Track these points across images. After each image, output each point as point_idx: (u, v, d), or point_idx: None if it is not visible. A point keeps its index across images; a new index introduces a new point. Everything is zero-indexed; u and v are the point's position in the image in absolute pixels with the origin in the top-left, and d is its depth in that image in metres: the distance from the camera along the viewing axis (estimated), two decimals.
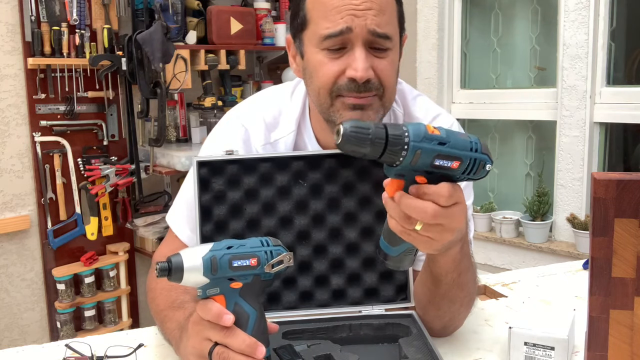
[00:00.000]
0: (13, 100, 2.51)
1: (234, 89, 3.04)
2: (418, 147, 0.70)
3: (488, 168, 0.74)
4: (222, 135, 1.13)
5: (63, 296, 2.59)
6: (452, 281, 0.90)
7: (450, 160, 0.72)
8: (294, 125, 1.09)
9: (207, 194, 0.98)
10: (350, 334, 0.96)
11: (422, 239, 0.75)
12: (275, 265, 0.78)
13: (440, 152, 0.71)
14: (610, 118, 2.59)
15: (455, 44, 3.16)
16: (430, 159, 0.71)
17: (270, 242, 0.79)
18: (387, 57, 0.98)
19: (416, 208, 0.73)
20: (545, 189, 2.74)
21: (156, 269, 0.73)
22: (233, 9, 2.85)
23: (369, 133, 0.69)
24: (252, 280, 0.77)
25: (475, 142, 0.73)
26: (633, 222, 0.76)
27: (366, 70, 0.94)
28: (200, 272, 0.74)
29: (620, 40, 2.64)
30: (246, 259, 0.76)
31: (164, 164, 2.71)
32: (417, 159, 0.70)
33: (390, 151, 0.70)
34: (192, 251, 0.75)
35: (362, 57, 0.94)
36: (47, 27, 2.48)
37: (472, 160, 0.73)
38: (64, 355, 0.97)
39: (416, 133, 0.70)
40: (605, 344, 0.80)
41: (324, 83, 0.97)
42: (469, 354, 0.97)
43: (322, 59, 0.97)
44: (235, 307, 0.76)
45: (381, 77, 0.97)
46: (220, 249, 0.75)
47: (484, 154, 0.73)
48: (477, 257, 1.72)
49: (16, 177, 2.55)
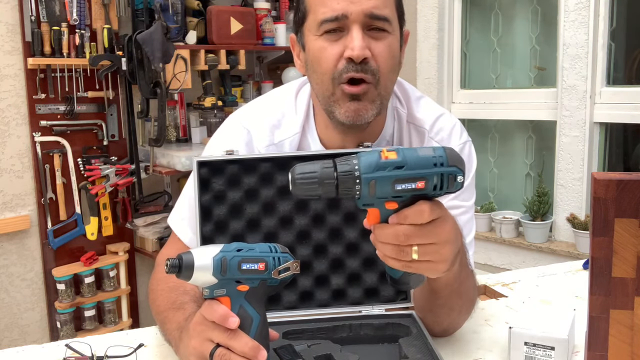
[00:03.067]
0: (13, 100, 2.51)
1: (234, 89, 3.03)
2: (371, 178, 0.68)
3: (460, 180, 0.70)
4: (224, 138, 1.13)
5: (63, 296, 2.59)
6: (451, 292, 0.90)
7: (412, 182, 0.69)
8: (298, 126, 1.10)
9: (207, 194, 0.98)
10: (350, 334, 0.96)
11: (423, 266, 0.73)
12: (282, 271, 0.78)
13: (398, 177, 0.68)
14: (610, 118, 2.59)
15: (455, 44, 3.16)
16: (389, 186, 0.68)
17: (279, 249, 0.80)
18: (385, 40, 0.98)
19: (394, 234, 0.71)
20: (545, 189, 2.74)
21: (166, 264, 0.74)
22: (233, 9, 2.85)
23: (316, 176, 0.68)
24: (258, 285, 0.77)
25: (440, 157, 0.69)
26: (633, 222, 0.76)
27: (362, 48, 0.95)
28: (209, 272, 0.74)
29: (620, 40, 2.65)
30: (255, 263, 0.76)
31: (164, 164, 2.71)
32: (373, 189, 0.68)
33: (343, 188, 0.68)
34: (203, 250, 0.75)
35: (358, 37, 0.95)
36: (47, 27, 2.48)
37: (438, 176, 0.69)
38: (64, 355, 0.97)
39: (366, 164, 0.68)
40: (606, 344, 0.80)
41: (325, 69, 0.98)
42: (469, 354, 0.97)
43: (322, 44, 0.98)
44: (240, 310, 0.76)
45: (378, 60, 0.97)
46: (231, 251, 0.76)
47: (452, 166, 0.70)
48: (477, 257, 1.72)
49: (16, 177, 2.55)
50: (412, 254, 0.71)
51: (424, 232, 0.71)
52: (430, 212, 0.70)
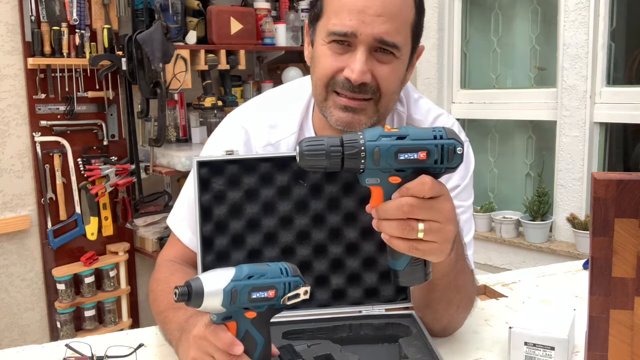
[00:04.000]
0: (13, 100, 2.51)
1: (234, 89, 3.04)
2: (375, 146, 0.70)
3: (459, 151, 0.73)
4: (222, 138, 1.13)
5: (63, 296, 2.59)
6: (448, 284, 0.90)
7: (414, 152, 0.71)
8: (295, 126, 1.10)
9: (207, 194, 0.98)
10: (350, 334, 0.96)
11: (428, 247, 0.74)
12: (291, 298, 0.77)
13: (401, 146, 0.71)
14: (610, 118, 2.59)
15: (455, 44, 3.16)
16: (392, 154, 0.71)
17: (290, 271, 0.78)
18: (391, 64, 0.97)
19: (398, 205, 0.71)
20: (545, 189, 2.74)
21: (175, 293, 0.72)
22: (233, 9, 2.85)
23: (323, 143, 0.70)
24: (265, 310, 0.77)
25: (439, 130, 0.73)
26: (633, 222, 0.76)
27: (363, 73, 0.94)
28: (219, 302, 0.73)
29: (620, 40, 2.65)
30: (265, 291, 0.75)
31: (164, 164, 2.71)
32: (377, 157, 0.71)
33: (348, 156, 0.70)
34: (213, 277, 0.74)
35: (361, 60, 0.94)
36: (47, 27, 2.48)
37: (439, 148, 0.72)
38: (64, 355, 0.97)
39: (370, 134, 0.71)
40: (605, 344, 0.80)
41: (321, 75, 0.98)
42: (469, 354, 0.97)
43: (327, 51, 0.98)
44: (245, 334, 0.76)
45: (380, 83, 0.96)
46: (242, 279, 0.74)
47: (451, 139, 0.73)
48: (477, 257, 1.71)
49: (16, 177, 2.55)
50: (417, 231, 0.72)
51: (428, 205, 0.72)
52: (432, 184, 0.71)
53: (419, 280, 0.79)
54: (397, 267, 0.78)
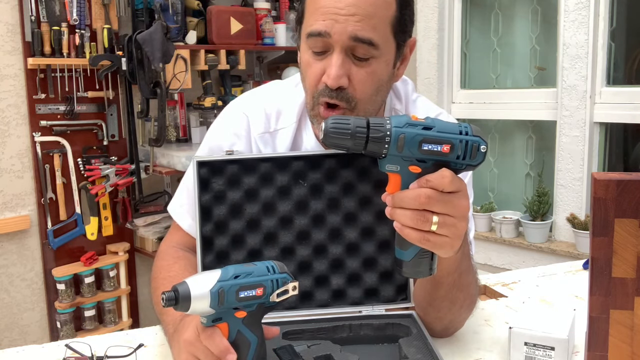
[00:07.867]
0: (13, 100, 2.51)
1: (234, 89, 3.04)
2: (401, 132, 0.70)
3: (483, 149, 0.73)
4: (225, 124, 1.14)
5: (63, 296, 2.59)
6: (453, 282, 0.90)
7: (439, 144, 0.71)
8: (295, 117, 1.10)
9: (207, 194, 0.98)
10: (350, 334, 0.96)
11: (440, 240, 0.74)
12: (280, 294, 0.77)
13: (426, 136, 0.71)
14: (610, 118, 2.59)
15: (455, 44, 3.17)
16: (416, 144, 0.71)
17: (277, 268, 0.78)
18: (369, 67, 0.95)
19: (416, 195, 0.72)
20: (545, 189, 2.74)
21: (162, 298, 0.72)
22: (233, 9, 2.85)
23: (349, 123, 0.70)
24: (255, 309, 0.77)
25: (465, 126, 0.73)
26: (633, 222, 0.76)
27: (338, 78, 0.93)
28: (207, 304, 0.73)
29: (620, 40, 2.65)
30: (252, 289, 0.75)
31: (164, 164, 2.71)
32: (402, 144, 0.71)
33: (373, 139, 0.70)
34: (199, 280, 0.74)
35: (337, 64, 0.93)
36: (47, 27, 2.48)
37: (463, 143, 0.72)
38: (64, 355, 0.97)
39: (398, 120, 0.71)
40: (605, 344, 0.80)
41: (308, 85, 0.99)
42: (469, 354, 0.97)
43: (309, 58, 0.97)
44: (237, 335, 0.76)
45: (356, 87, 0.95)
46: (228, 280, 0.74)
47: (476, 137, 0.73)
48: (477, 257, 1.72)
49: (16, 177, 2.55)
50: (431, 223, 0.72)
51: (445, 199, 0.72)
52: (452, 179, 0.72)
53: (423, 274, 0.79)
54: (403, 257, 0.78)
